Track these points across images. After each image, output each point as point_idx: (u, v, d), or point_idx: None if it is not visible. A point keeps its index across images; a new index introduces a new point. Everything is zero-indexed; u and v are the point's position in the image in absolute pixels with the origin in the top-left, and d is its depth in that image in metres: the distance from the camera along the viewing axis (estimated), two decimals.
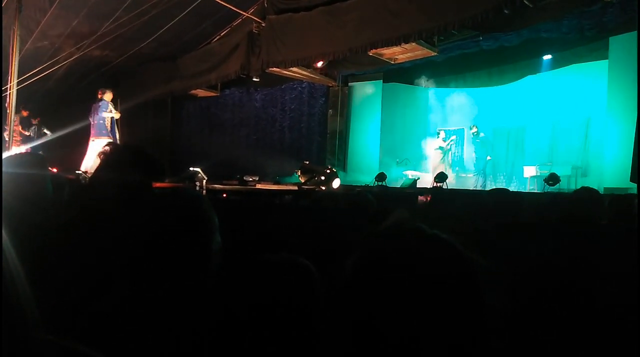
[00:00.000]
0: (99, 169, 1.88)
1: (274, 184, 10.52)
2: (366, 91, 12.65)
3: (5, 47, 7.82)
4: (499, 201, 2.73)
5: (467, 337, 0.76)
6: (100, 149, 1.90)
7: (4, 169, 2.30)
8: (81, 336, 0.98)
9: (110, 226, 1.44)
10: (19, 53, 7.31)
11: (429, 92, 13.13)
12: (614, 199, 3.35)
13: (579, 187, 3.16)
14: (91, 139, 9.29)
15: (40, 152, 9.74)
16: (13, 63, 7.11)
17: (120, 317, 1.10)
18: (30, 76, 8.29)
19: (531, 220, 2.82)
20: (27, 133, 10.71)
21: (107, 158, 1.85)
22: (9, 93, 7.15)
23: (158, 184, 2.09)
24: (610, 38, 8.93)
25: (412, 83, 12.58)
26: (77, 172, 7.89)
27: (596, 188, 4.88)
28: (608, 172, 8.81)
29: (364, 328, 0.80)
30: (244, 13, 9.69)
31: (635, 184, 6.80)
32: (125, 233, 1.31)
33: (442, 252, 0.80)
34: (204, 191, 7.55)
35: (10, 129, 7.43)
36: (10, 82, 7.10)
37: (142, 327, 1.08)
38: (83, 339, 0.92)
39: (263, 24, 9.49)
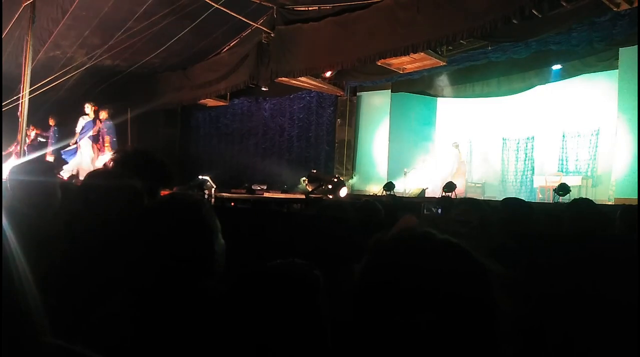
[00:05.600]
0: (109, 174, 1.89)
1: (281, 192, 10.54)
2: (374, 101, 12.66)
3: (17, 57, 7.93)
4: (508, 210, 2.74)
5: (479, 341, 0.75)
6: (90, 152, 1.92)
7: (14, 176, 2.33)
8: (89, 340, 0.99)
9: (115, 231, 1.45)
10: (32, 63, 7.41)
11: (437, 102, 13.10)
12: (623, 210, 3.32)
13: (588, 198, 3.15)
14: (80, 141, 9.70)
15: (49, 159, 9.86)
16: (26, 72, 7.21)
17: (126, 322, 1.10)
18: (42, 85, 8.38)
19: (532, 230, 2.82)
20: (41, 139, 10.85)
21: (117, 163, 1.87)
22: (21, 102, 7.23)
23: (167, 192, 2.11)
24: (620, 49, 8.89)
25: (420, 93, 12.57)
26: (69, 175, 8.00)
27: (606, 199, 4.82)
28: (619, 182, 8.72)
29: (373, 334, 0.79)
30: (254, 24, 9.77)
31: None
32: (129, 238, 1.33)
33: (454, 256, 0.79)
34: (213, 199, 7.58)
35: (22, 136, 7.51)
36: (23, 91, 7.19)
37: (148, 332, 1.09)
38: (91, 344, 0.92)
39: (272, 35, 9.57)
